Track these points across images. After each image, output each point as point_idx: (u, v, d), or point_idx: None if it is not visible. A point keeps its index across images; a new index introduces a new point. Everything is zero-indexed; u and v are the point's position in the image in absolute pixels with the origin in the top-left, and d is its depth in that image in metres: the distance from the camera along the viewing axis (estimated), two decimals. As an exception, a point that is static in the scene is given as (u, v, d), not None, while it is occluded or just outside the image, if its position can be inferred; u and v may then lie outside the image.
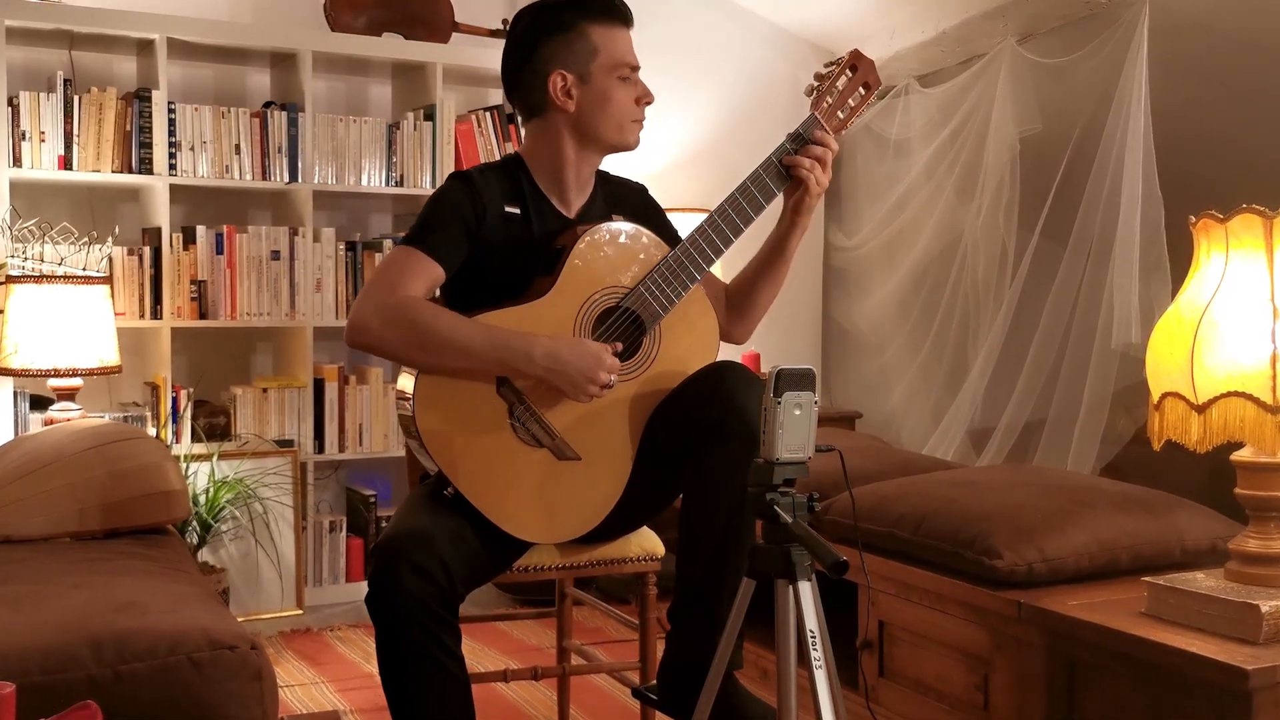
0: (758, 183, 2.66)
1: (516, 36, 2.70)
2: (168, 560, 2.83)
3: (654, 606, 2.89)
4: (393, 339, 2.47)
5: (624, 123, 2.68)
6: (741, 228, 2.65)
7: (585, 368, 2.47)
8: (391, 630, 2.35)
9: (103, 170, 4.50)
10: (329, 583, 4.88)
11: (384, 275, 2.53)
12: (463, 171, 2.68)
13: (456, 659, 2.38)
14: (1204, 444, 2.45)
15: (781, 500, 2.08)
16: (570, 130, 2.67)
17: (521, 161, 2.73)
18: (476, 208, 2.60)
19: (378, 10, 5.04)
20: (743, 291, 2.86)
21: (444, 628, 2.35)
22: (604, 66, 2.63)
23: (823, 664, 2.06)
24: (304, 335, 4.82)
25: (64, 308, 4.02)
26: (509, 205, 2.65)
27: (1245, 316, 2.44)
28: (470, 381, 2.49)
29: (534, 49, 2.64)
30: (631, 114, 2.68)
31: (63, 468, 3.10)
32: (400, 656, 2.35)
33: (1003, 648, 2.82)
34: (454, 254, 2.57)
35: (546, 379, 2.48)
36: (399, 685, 2.38)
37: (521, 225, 2.65)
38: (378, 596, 2.34)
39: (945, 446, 4.84)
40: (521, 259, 2.62)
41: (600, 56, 2.63)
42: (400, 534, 2.38)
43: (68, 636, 2.13)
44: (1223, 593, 2.45)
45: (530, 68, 2.65)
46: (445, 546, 2.37)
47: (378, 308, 2.47)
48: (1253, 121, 3.94)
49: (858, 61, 2.76)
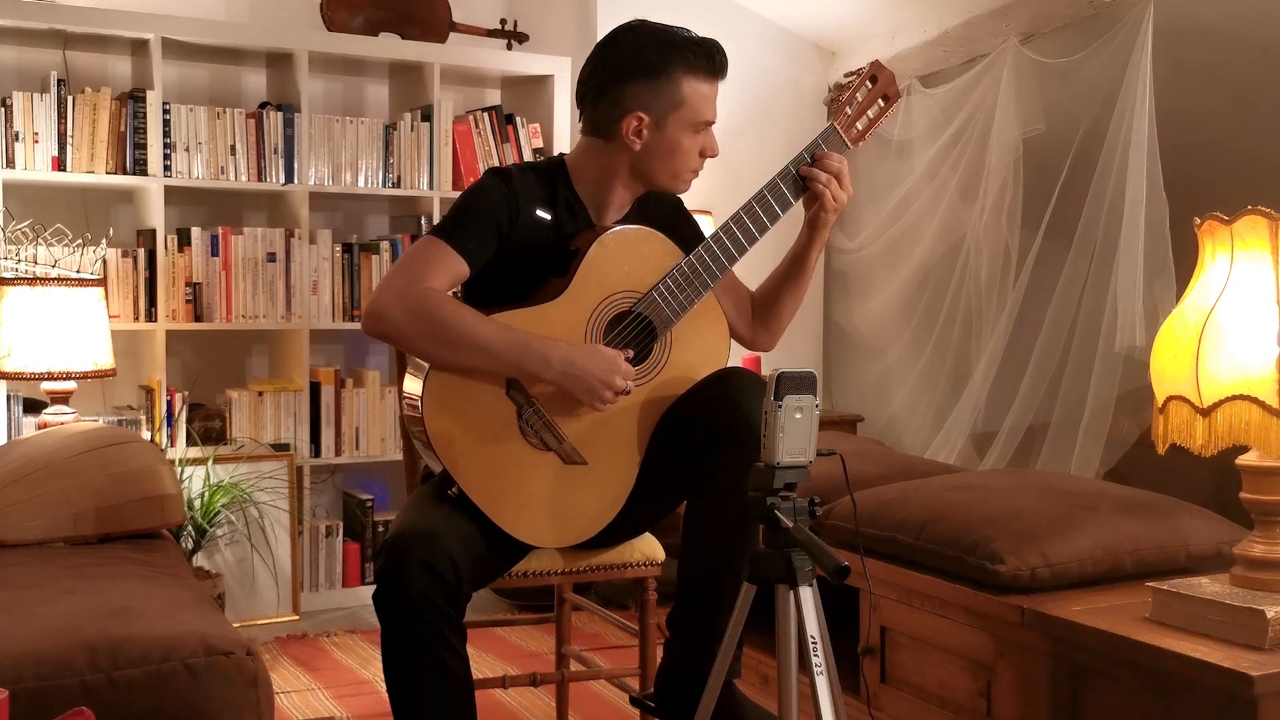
0: (774, 191, 2.65)
1: (610, 61, 2.62)
2: (162, 565, 2.83)
3: (654, 612, 2.88)
4: (411, 330, 2.45)
5: (682, 173, 2.67)
6: (756, 236, 2.65)
7: (601, 375, 2.47)
8: (398, 627, 2.34)
9: (97, 171, 4.48)
10: (325, 588, 4.85)
11: (408, 265, 2.51)
12: (502, 168, 2.67)
13: (461, 658, 2.39)
14: (1209, 448, 2.45)
15: (782, 505, 2.08)
16: (628, 166, 2.65)
17: (564, 168, 2.71)
18: (511, 208, 2.59)
19: (374, 10, 5.03)
20: (766, 302, 2.86)
21: (450, 626, 2.36)
22: (683, 119, 2.60)
23: (824, 670, 2.06)
24: (300, 338, 4.80)
25: (58, 310, 4.01)
26: (542, 210, 2.64)
27: (1251, 319, 2.43)
28: (479, 384, 2.48)
29: (621, 81, 2.58)
30: (692, 164, 2.67)
31: (57, 472, 3.09)
32: (405, 654, 2.35)
33: (1006, 654, 2.82)
34: (481, 251, 2.56)
35: (562, 385, 2.48)
36: (403, 682, 2.38)
37: (551, 231, 2.64)
38: (386, 593, 2.34)
39: (948, 450, 4.82)
40: (545, 264, 2.61)
41: (683, 110, 2.59)
42: (409, 531, 2.38)
43: (62, 642, 2.12)
44: (1228, 598, 2.44)
45: (611, 98, 2.60)
46: (454, 545, 2.37)
47: (399, 296, 2.45)
48: (1258, 122, 3.93)
49: (878, 73, 2.78)
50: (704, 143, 2.65)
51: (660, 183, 2.67)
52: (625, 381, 2.49)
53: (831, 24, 5.57)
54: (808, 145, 2.69)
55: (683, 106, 2.59)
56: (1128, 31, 4.12)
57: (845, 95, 2.75)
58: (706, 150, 2.67)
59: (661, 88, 2.57)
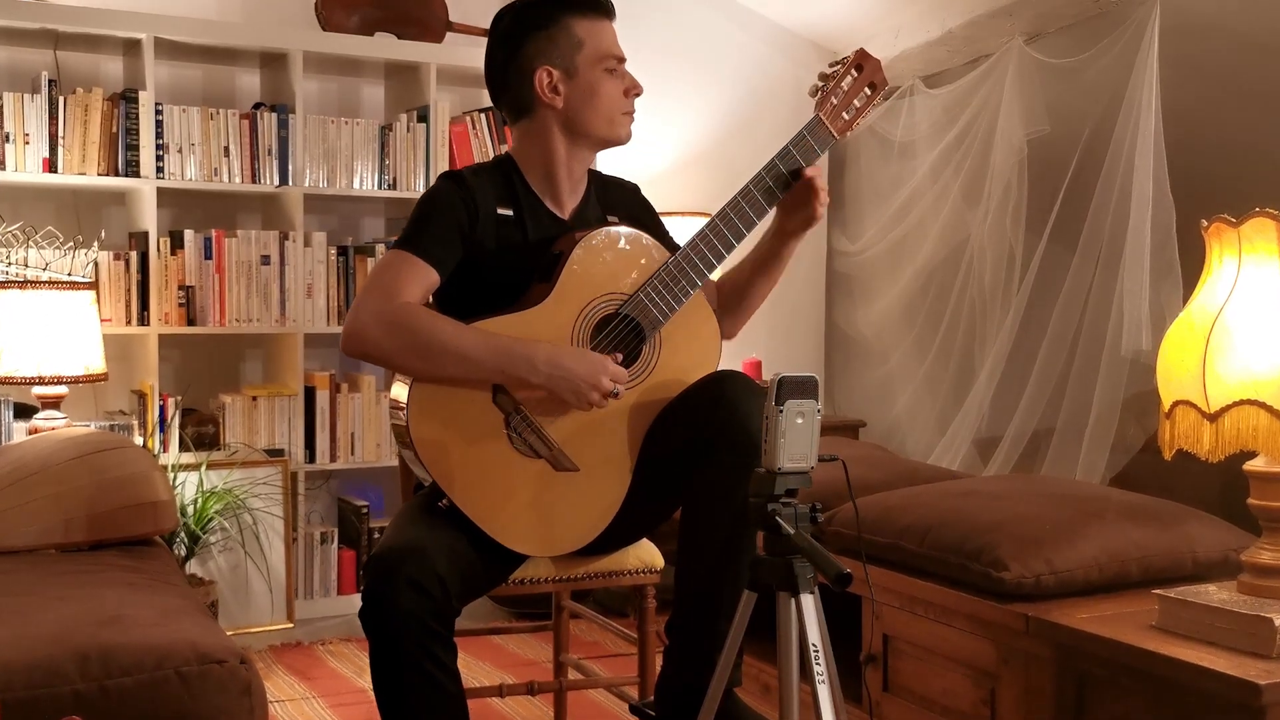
0: (760, 186, 2.64)
1: (499, 36, 2.68)
2: (155, 572, 2.82)
3: (652, 620, 2.87)
4: (392, 347, 2.44)
5: (614, 115, 2.67)
6: (744, 233, 2.64)
7: (589, 375, 2.46)
8: (386, 646, 2.32)
9: (88, 173, 4.47)
10: (320, 595, 4.84)
11: (379, 281, 2.51)
12: (454, 171, 2.66)
13: (452, 675, 2.37)
14: (1216, 453, 2.44)
15: (783, 511, 2.07)
16: (560, 127, 2.65)
17: (513, 162, 2.71)
18: (469, 209, 2.59)
19: (370, 9, 5.03)
20: (737, 290, 2.85)
21: (439, 643, 2.34)
22: (589, 59, 2.62)
23: (826, 679, 2.05)
24: (294, 342, 4.80)
25: (49, 314, 4.00)
26: (501, 207, 2.64)
27: (1259, 323, 2.42)
28: (466, 390, 2.47)
29: (518, 47, 2.63)
30: (621, 106, 2.67)
31: (48, 478, 3.08)
32: (395, 672, 2.33)
33: (1010, 662, 2.80)
34: (448, 256, 2.55)
35: (549, 387, 2.46)
36: (393, 702, 2.36)
37: (515, 227, 2.64)
38: (372, 612, 2.32)
39: (951, 456, 4.83)
40: (516, 263, 2.61)
41: (585, 50, 2.61)
42: (395, 547, 2.36)
43: (53, 650, 2.12)
44: (1235, 605, 2.43)
45: (515, 66, 2.64)
46: (441, 561, 2.35)
47: (375, 315, 2.45)
48: (1266, 123, 3.93)
49: (863, 61, 2.75)
50: (625, 82, 2.67)
51: (597, 131, 2.66)
52: (613, 384, 2.48)
53: (833, 23, 5.59)
54: (792, 138, 2.68)
55: (583, 46, 2.61)
56: (1134, 31, 4.13)
57: (830, 85, 2.71)
58: (630, 88, 2.67)
59: (555, 35, 2.61)
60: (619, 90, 2.65)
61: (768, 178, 2.64)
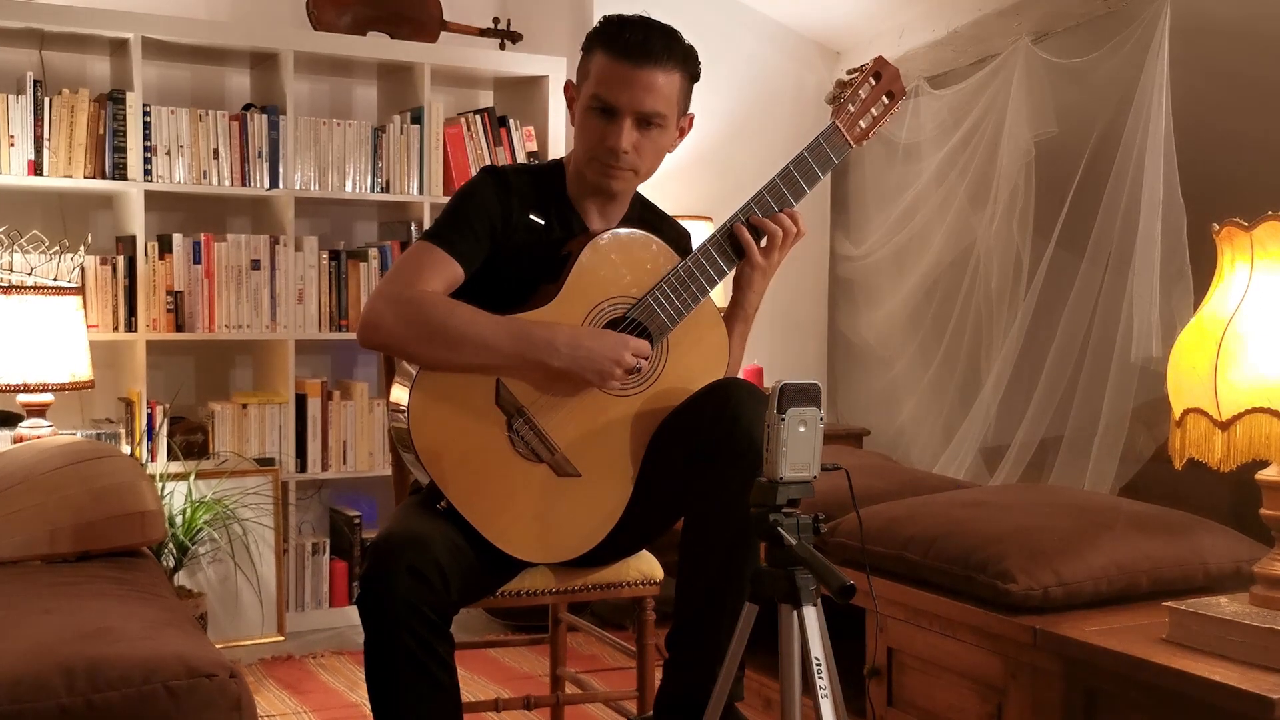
0: (774, 192, 2.65)
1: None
2: (143, 584, 2.81)
3: (652, 633, 2.86)
4: (408, 335, 2.45)
5: (590, 155, 2.62)
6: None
7: (612, 352, 2.46)
8: (382, 634, 2.31)
9: (74, 176, 4.46)
10: (311, 608, 4.82)
11: (401, 270, 2.52)
12: (498, 168, 2.70)
13: (449, 669, 2.36)
14: (1228, 462, 2.44)
15: (785, 521, 2.08)
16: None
17: (561, 172, 2.72)
18: (505, 209, 2.60)
19: (362, 8, 5.03)
20: None
21: (437, 635, 2.33)
22: (586, 92, 2.60)
23: (829, 693, 2.06)
24: (285, 349, 4.78)
25: (34, 320, 3.98)
26: (535, 214, 2.65)
27: (1272, 329, 2.42)
28: (468, 392, 2.47)
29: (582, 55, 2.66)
30: (592, 151, 2.60)
31: (33, 487, 3.07)
32: (390, 662, 2.33)
33: (1017, 676, 2.80)
34: (475, 253, 2.56)
35: (572, 368, 2.46)
36: (386, 692, 2.35)
37: (541, 235, 2.64)
38: (369, 597, 2.31)
39: (957, 465, 4.83)
40: (531, 268, 2.63)
41: (589, 82, 2.60)
42: (396, 534, 2.36)
43: (38, 664, 2.11)
44: (1247, 618, 2.43)
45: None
46: (443, 552, 2.35)
47: (391, 302, 2.46)
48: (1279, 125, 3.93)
49: (882, 69, 2.80)
50: (606, 128, 2.57)
51: (578, 163, 2.64)
52: (637, 359, 2.48)
53: (836, 23, 5.60)
54: (808, 145, 2.69)
55: (588, 79, 2.60)
56: (1144, 30, 4.12)
57: (848, 92, 2.74)
58: (605, 139, 2.57)
59: (584, 60, 2.63)
60: (599, 135, 2.57)
61: (781, 184, 2.65)
